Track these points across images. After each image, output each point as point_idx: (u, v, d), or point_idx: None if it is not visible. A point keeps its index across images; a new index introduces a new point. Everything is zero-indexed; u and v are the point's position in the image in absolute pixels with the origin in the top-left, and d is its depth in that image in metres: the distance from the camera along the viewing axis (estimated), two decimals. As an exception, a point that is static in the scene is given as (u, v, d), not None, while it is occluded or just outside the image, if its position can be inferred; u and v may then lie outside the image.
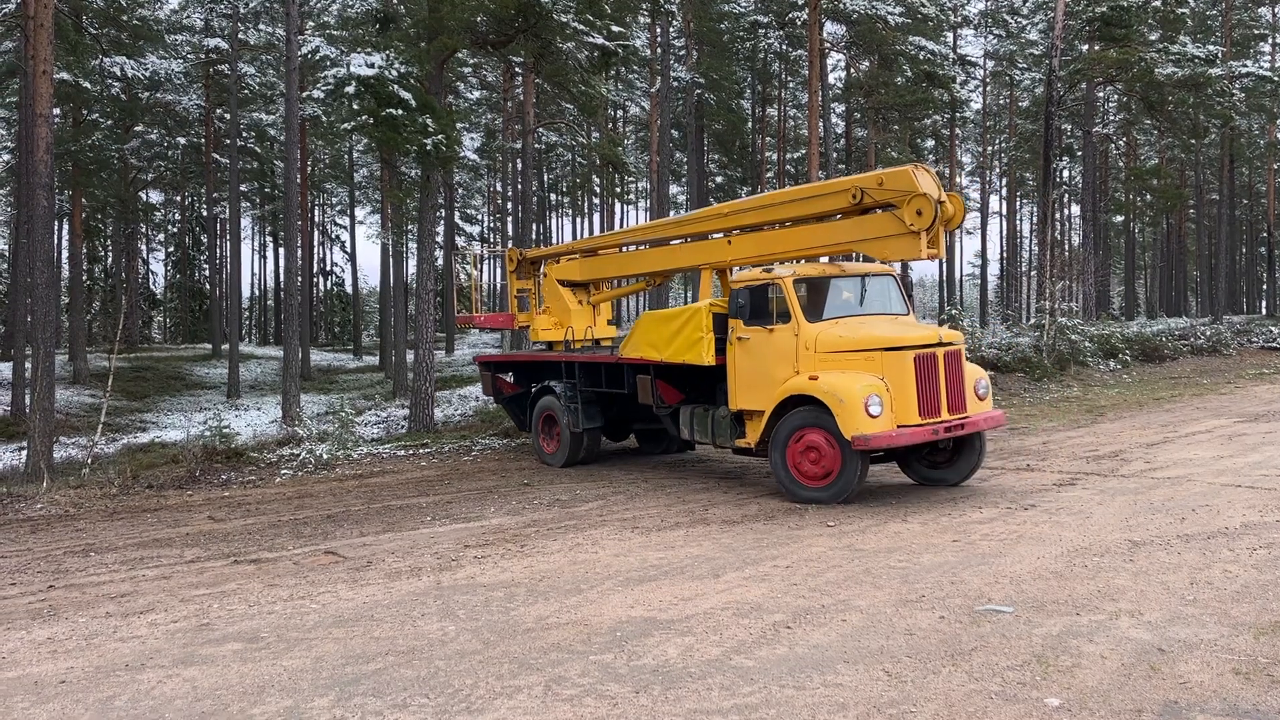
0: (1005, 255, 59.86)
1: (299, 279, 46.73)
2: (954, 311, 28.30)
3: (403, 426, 19.38)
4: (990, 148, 58.21)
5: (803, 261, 11.35)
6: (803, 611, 6.28)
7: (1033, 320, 26.42)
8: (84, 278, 60.38)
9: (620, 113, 55.54)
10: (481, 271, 62.92)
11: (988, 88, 50.44)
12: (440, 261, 55.17)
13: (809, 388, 9.89)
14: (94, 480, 13.27)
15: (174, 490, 12.60)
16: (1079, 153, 38.36)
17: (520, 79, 30.02)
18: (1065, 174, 55.18)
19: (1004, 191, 60.62)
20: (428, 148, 15.01)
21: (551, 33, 16.28)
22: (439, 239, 52.83)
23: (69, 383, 34.90)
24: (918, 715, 4.55)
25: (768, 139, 50.08)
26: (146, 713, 4.98)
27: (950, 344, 10.09)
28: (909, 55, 24.83)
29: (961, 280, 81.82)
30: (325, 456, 14.34)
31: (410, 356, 30.30)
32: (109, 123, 39.93)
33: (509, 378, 15.49)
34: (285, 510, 10.99)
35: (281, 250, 55.49)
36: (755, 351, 10.62)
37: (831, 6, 24.22)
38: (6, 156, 50.49)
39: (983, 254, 59.87)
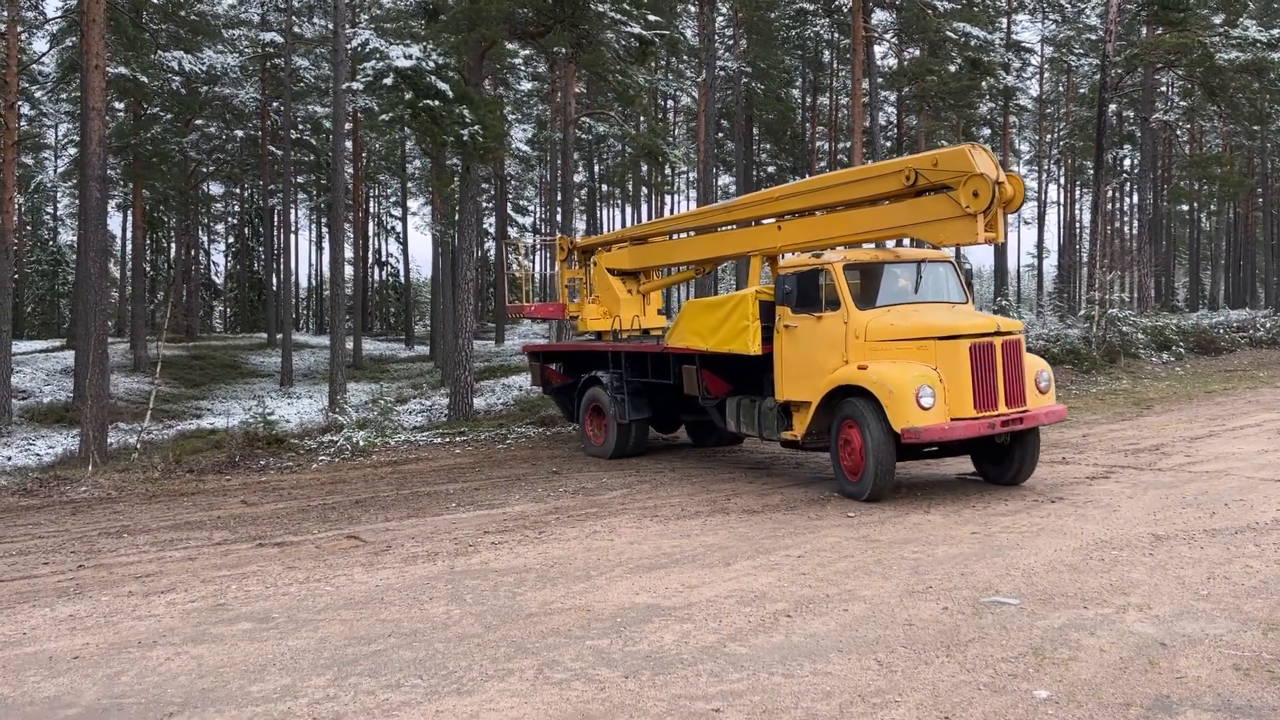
0: (1063, 245, 58.70)
1: (348, 270, 47.29)
2: (1004, 302, 27.84)
3: (445, 415, 19.61)
4: (1050, 135, 57.10)
5: (859, 247, 10.92)
6: (806, 601, 6.25)
7: (1083, 311, 25.88)
8: (147, 268, 61.97)
9: (671, 103, 55.48)
10: (534, 261, 63.28)
11: (1045, 74, 49.43)
12: (492, 252, 55.72)
13: (858, 378, 9.47)
14: (138, 464, 13.62)
15: (213, 475, 12.89)
16: (1141, 139, 37.40)
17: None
18: (1127, 162, 53.96)
19: (1063, 180, 59.46)
20: (464, 138, 15.14)
21: (589, 22, 16.32)
22: (490, 229, 53.32)
23: (129, 370, 35.83)
24: (901, 705, 4.52)
25: (819, 128, 49.66)
26: (150, 688, 5.12)
27: (1009, 333, 9.60)
28: (956, 42, 24.39)
29: (1019, 271, 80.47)
30: (362, 444, 14.57)
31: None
32: (169, 116, 40.81)
33: (557, 368, 15.22)
34: (316, 495, 11.20)
35: (345, 242, 56.47)
36: (803, 340, 10.26)
37: (874, -7, 23.96)
38: (72, 150, 51.92)
39: (1039, 244, 58.76)
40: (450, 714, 4.62)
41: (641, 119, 32.29)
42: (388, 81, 15.09)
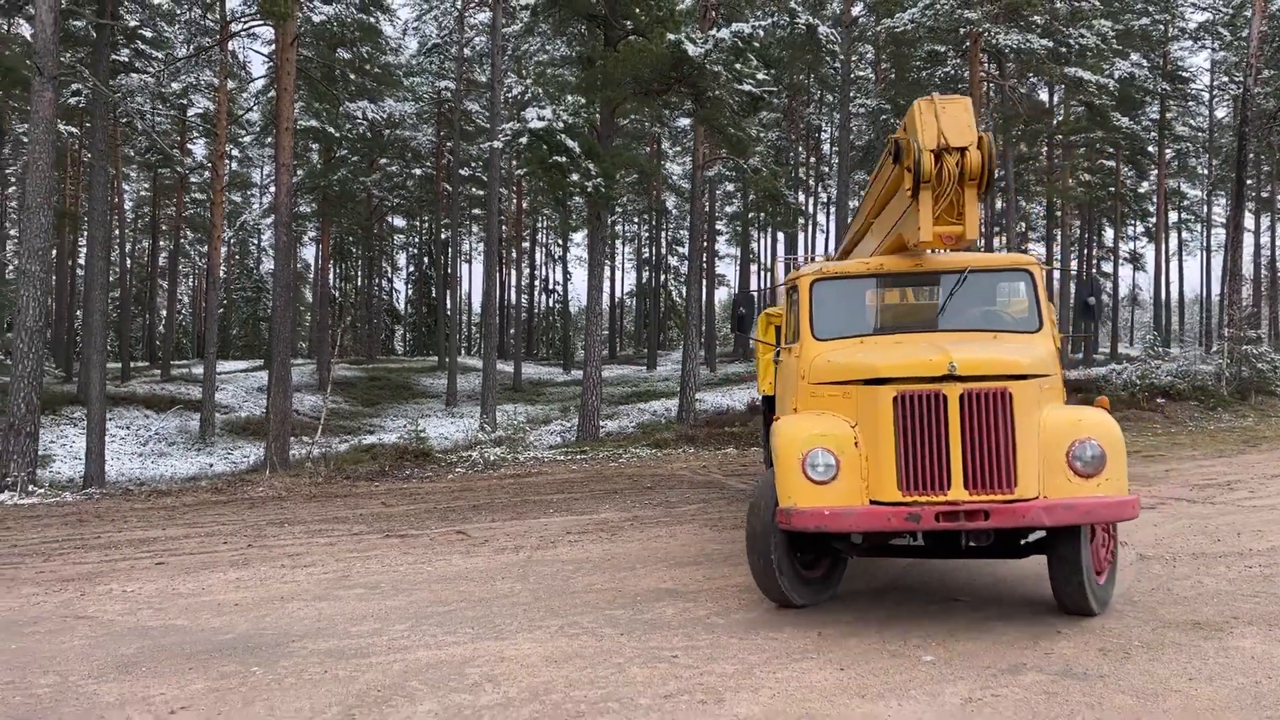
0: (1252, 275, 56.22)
1: (513, 296, 50.04)
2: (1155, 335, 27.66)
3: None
4: (1217, 161, 54.93)
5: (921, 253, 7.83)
6: (795, 591, 7.60)
7: (1215, 347, 25.57)
8: (336, 295, 67.41)
9: (824, 134, 56.62)
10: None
11: (1214, 100, 47.94)
12: (648, 280, 57.86)
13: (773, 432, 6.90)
14: (307, 472, 16.04)
15: (365, 481, 15.13)
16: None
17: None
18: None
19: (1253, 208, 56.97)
20: (588, 190, 17.06)
21: (705, 81, 17.98)
22: (647, 257, 55.48)
23: (314, 389, 39.65)
24: (813, 660, 5.88)
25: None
26: (283, 626, 7.01)
27: (980, 378, 6.14)
28: (1069, 85, 24.70)
29: (1204, 302, 76.71)
30: (493, 459, 16.57)
31: (607, 372, 32.63)
32: (356, 159, 45.00)
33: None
34: (444, 500, 13.18)
35: (511, 271, 60.14)
36: (780, 380, 8.25)
37: (990, 43, 24.63)
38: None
39: (1205, 275, 56.46)
40: (484, 650, 6.28)
41: (761, 164, 33.42)
42: (524, 141, 17.19)
